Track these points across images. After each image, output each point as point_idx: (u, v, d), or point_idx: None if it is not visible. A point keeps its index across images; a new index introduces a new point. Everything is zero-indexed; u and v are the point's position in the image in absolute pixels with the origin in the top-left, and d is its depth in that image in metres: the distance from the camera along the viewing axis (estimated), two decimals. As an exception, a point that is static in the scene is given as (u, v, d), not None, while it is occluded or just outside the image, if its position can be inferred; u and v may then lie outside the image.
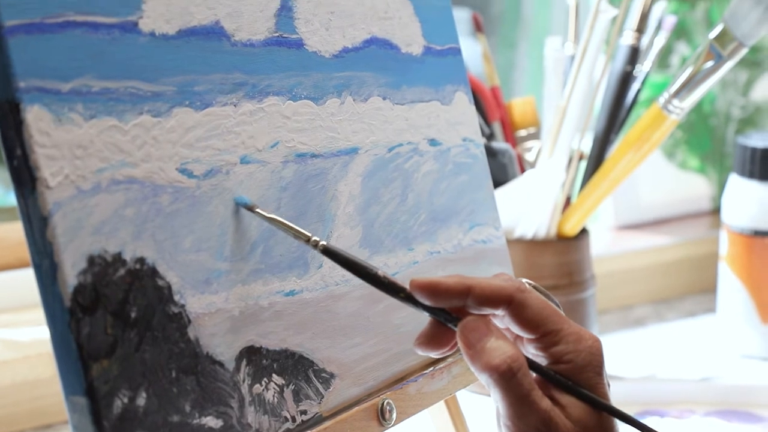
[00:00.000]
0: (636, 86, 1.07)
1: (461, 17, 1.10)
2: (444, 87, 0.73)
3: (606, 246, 1.32)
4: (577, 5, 1.08)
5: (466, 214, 0.74)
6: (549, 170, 1.00)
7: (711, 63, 0.96)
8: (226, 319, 0.56)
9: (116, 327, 0.51)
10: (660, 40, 1.08)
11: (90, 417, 0.49)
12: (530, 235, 1.03)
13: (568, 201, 1.06)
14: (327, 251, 0.58)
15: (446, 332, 0.58)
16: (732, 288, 1.14)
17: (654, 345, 1.18)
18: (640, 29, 1.06)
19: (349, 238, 0.65)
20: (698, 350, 1.16)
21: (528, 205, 1.02)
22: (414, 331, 0.59)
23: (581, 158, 1.04)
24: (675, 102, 0.98)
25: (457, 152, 0.74)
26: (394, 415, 0.64)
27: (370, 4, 0.68)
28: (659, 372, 1.09)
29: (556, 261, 1.03)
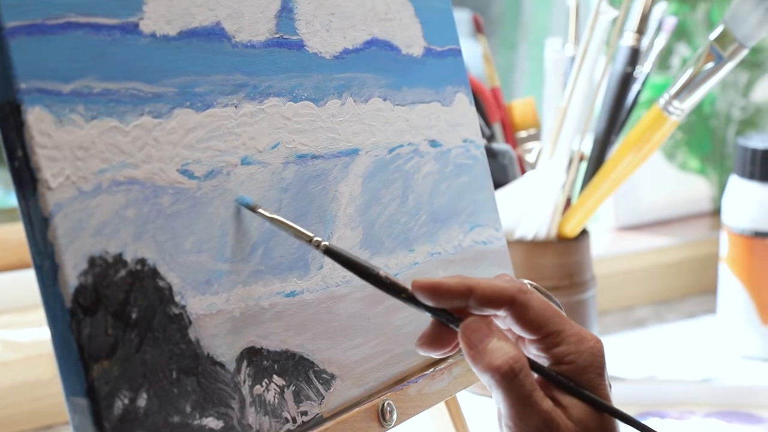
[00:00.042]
0: (636, 87, 1.07)
1: (461, 18, 1.10)
2: (444, 88, 0.73)
3: (606, 247, 1.32)
4: (578, 6, 1.08)
5: (467, 215, 0.74)
6: (549, 171, 1.00)
7: (711, 64, 0.96)
8: (227, 320, 0.56)
9: (117, 328, 0.51)
10: (660, 42, 1.08)
11: (91, 418, 0.49)
12: (531, 236, 1.03)
13: (569, 202, 1.06)
14: (329, 251, 0.58)
15: (448, 333, 0.58)
16: (732, 289, 1.14)
17: (654, 346, 1.18)
18: (641, 30, 1.06)
19: (350, 239, 0.65)
20: (698, 351, 1.16)
21: (528, 206, 1.02)
22: (415, 332, 0.59)
23: (581, 159, 1.04)
24: (675, 103, 0.98)
25: (458, 153, 0.74)
26: (395, 416, 0.64)
27: (371, 6, 0.68)
28: (659, 373, 1.09)
29: (557, 262, 1.03)
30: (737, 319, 1.14)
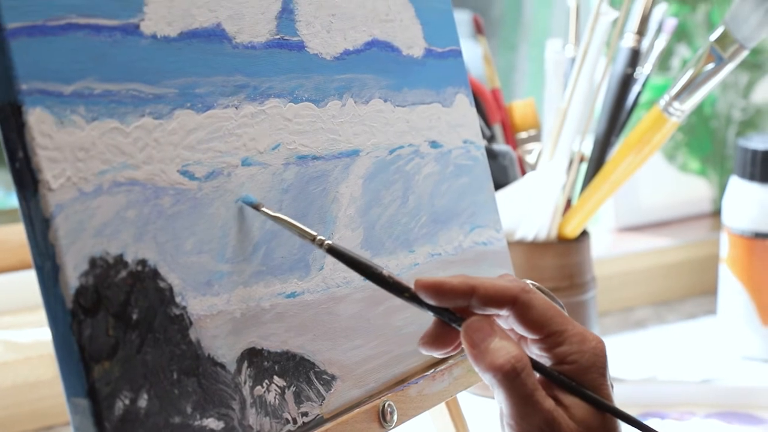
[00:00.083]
0: (637, 89, 1.08)
1: (462, 19, 1.11)
2: (445, 89, 0.73)
3: (607, 248, 1.32)
4: (578, 7, 1.08)
5: (467, 216, 0.74)
6: (550, 172, 1.00)
7: (712, 65, 0.97)
8: (228, 321, 0.56)
9: (118, 329, 0.51)
10: (661, 43, 1.08)
11: (91, 418, 0.49)
12: (531, 237, 1.03)
13: (569, 203, 1.06)
14: (332, 250, 0.58)
15: (450, 332, 0.58)
16: (732, 290, 1.15)
17: (654, 347, 1.18)
18: (641, 32, 1.06)
19: (350, 240, 0.65)
20: (699, 352, 1.16)
21: (529, 207, 1.02)
22: (415, 333, 0.59)
23: (582, 160, 1.04)
24: (675, 104, 0.98)
25: (458, 154, 0.74)
26: (395, 417, 0.64)
27: (372, 7, 0.68)
28: (660, 374, 1.09)
29: (557, 263, 1.03)
30: (737, 320, 1.15)
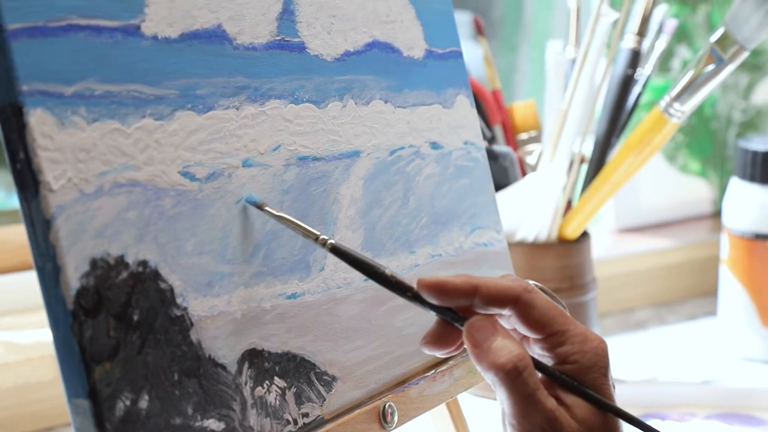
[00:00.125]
0: (637, 90, 1.08)
1: (462, 20, 1.11)
2: (445, 90, 0.74)
3: (607, 249, 1.32)
4: (579, 9, 1.08)
5: (468, 217, 0.74)
6: (550, 173, 1.00)
7: (712, 66, 0.97)
8: (229, 322, 0.56)
9: (119, 330, 0.51)
10: (661, 44, 1.08)
11: (92, 420, 0.49)
12: (531, 239, 1.03)
13: (569, 204, 1.06)
14: (335, 250, 0.58)
15: (453, 332, 0.58)
16: (733, 291, 1.15)
17: (655, 348, 1.18)
18: (641, 33, 1.06)
19: (351, 241, 0.65)
20: (699, 353, 1.16)
21: (529, 209, 1.02)
22: (416, 334, 0.59)
23: (582, 161, 1.04)
24: (676, 105, 0.98)
25: (459, 155, 0.74)
26: (396, 418, 0.64)
27: (372, 8, 0.68)
28: (660, 375, 1.09)
29: (558, 264, 1.03)
30: (738, 321, 1.15)
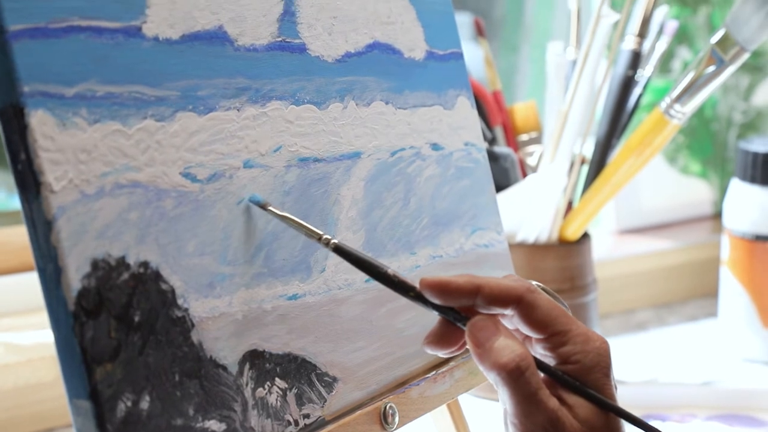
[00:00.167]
0: (638, 91, 1.08)
1: (463, 22, 1.11)
2: (446, 91, 0.74)
3: (608, 250, 1.32)
4: (579, 10, 1.08)
5: (468, 219, 0.74)
6: (551, 175, 1.00)
7: (713, 68, 0.97)
8: (230, 323, 0.56)
9: (120, 331, 0.51)
10: (662, 45, 1.08)
11: (94, 420, 0.49)
12: (532, 240, 1.03)
13: (570, 205, 1.06)
14: (338, 249, 0.58)
15: (455, 331, 0.58)
16: (733, 292, 1.15)
17: (656, 349, 1.18)
18: (642, 34, 1.06)
19: (352, 242, 0.65)
20: (700, 354, 1.16)
21: (530, 210, 1.02)
22: (417, 335, 0.59)
23: (583, 163, 1.04)
24: (677, 107, 0.98)
25: (460, 156, 0.74)
26: (397, 419, 0.64)
27: (373, 9, 0.68)
28: (661, 376, 1.09)
29: (558, 265, 1.03)
30: (738, 322, 1.15)
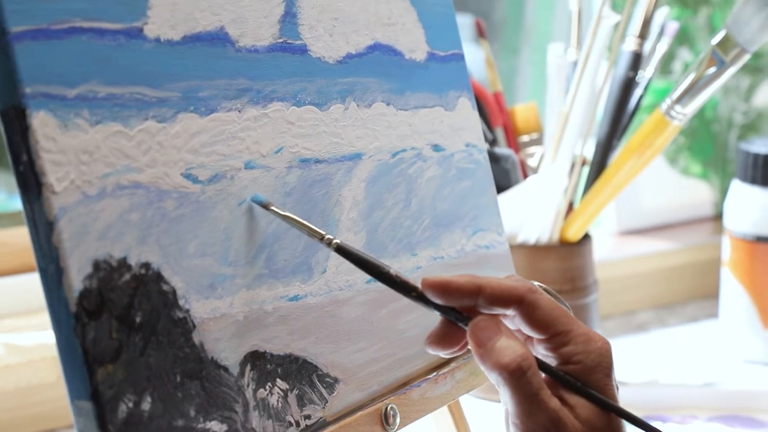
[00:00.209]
0: (638, 92, 1.08)
1: (464, 23, 1.11)
2: (447, 93, 0.74)
3: (608, 251, 1.32)
4: (580, 11, 1.08)
5: (470, 220, 0.74)
6: (552, 176, 1.00)
7: (713, 69, 0.97)
8: (231, 324, 0.56)
9: (121, 331, 0.51)
10: (662, 46, 1.08)
11: (95, 421, 0.49)
12: (533, 241, 1.03)
13: (571, 207, 1.06)
14: (340, 249, 0.58)
15: (457, 332, 0.58)
16: (734, 293, 1.15)
17: (656, 350, 1.18)
18: (643, 35, 1.06)
19: (353, 243, 0.65)
20: (701, 355, 1.16)
21: (531, 211, 1.02)
22: (418, 336, 0.59)
23: (584, 164, 1.05)
24: (677, 108, 0.99)
25: (461, 158, 0.74)
26: (398, 420, 0.64)
27: (374, 11, 0.69)
28: (662, 377, 1.09)
29: (559, 266, 1.03)
30: (739, 324, 1.15)
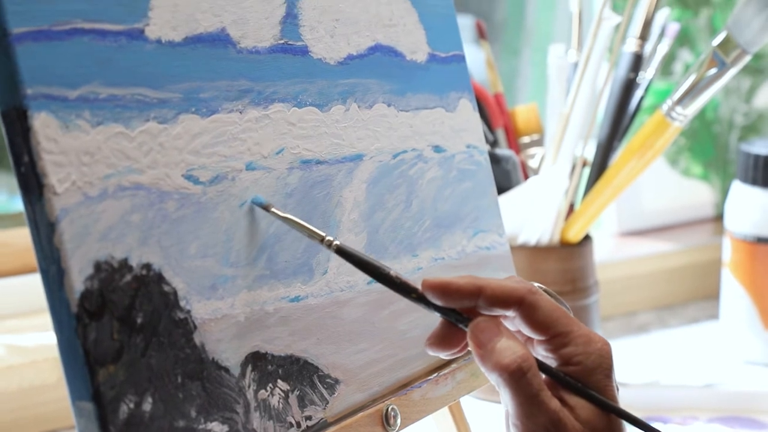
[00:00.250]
0: (639, 93, 1.08)
1: (465, 24, 1.11)
2: (448, 94, 0.74)
3: (609, 252, 1.32)
4: (581, 12, 1.08)
5: (470, 221, 0.74)
6: (552, 177, 1.00)
7: (714, 70, 0.97)
8: (232, 325, 0.56)
9: (122, 332, 0.51)
10: (663, 48, 1.08)
11: (96, 422, 0.49)
12: (534, 242, 1.03)
13: (572, 208, 1.06)
14: (340, 251, 0.58)
15: (457, 333, 0.58)
16: (735, 294, 1.15)
17: (657, 351, 1.18)
18: (644, 36, 1.06)
19: (354, 244, 0.65)
20: (701, 356, 1.16)
21: (531, 212, 1.02)
22: (419, 337, 0.59)
23: (584, 165, 1.05)
24: (678, 109, 0.99)
25: (461, 159, 0.74)
26: (399, 421, 0.64)
27: (375, 12, 0.69)
28: (662, 378, 1.09)
29: (560, 267, 1.03)
30: (740, 325, 1.15)
